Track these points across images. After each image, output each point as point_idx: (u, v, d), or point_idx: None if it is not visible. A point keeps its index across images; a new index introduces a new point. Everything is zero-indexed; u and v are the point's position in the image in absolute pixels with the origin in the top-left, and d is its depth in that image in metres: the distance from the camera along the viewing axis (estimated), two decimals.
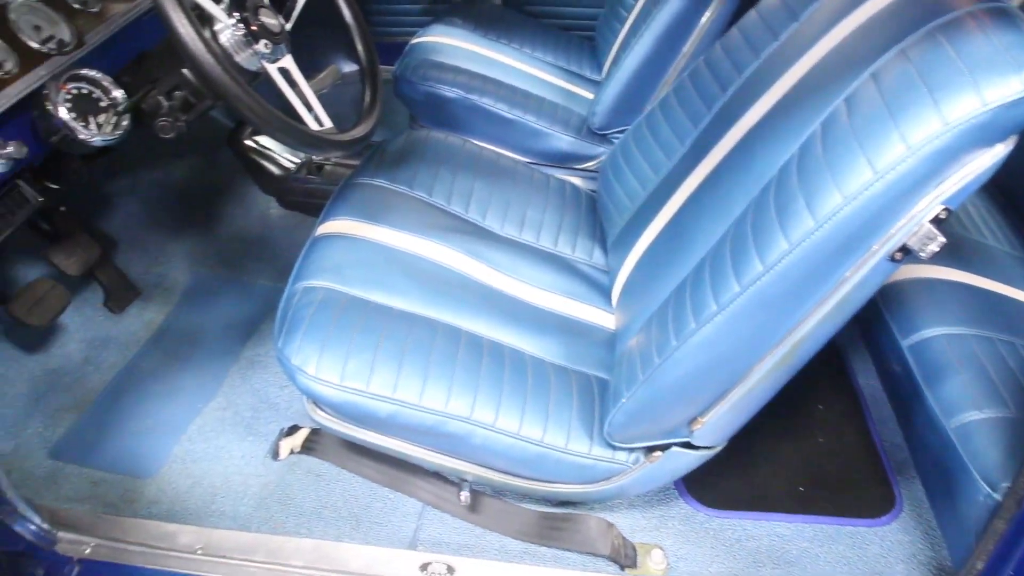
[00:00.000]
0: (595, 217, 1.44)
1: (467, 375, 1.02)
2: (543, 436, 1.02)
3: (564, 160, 1.71)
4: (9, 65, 0.99)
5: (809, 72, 0.98)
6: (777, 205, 0.83)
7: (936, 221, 0.75)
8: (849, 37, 0.95)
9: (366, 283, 1.10)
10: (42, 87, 1.01)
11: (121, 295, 1.70)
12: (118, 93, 1.05)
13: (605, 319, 1.23)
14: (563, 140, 1.67)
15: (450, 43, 1.92)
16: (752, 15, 1.17)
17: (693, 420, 0.99)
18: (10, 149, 0.97)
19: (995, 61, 0.69)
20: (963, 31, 0.75)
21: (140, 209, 1.94)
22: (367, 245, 1.17)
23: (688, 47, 1.55)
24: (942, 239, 0.75)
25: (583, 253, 1.36)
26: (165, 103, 1.03)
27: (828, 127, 0.82)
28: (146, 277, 1.78)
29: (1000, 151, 0.73)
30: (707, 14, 1.52)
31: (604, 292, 1.28)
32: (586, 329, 1.20)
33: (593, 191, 1.51)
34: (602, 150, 1.68)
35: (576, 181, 1.59)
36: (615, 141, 1.69)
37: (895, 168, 0.71)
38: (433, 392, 1.00)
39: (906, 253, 0.78)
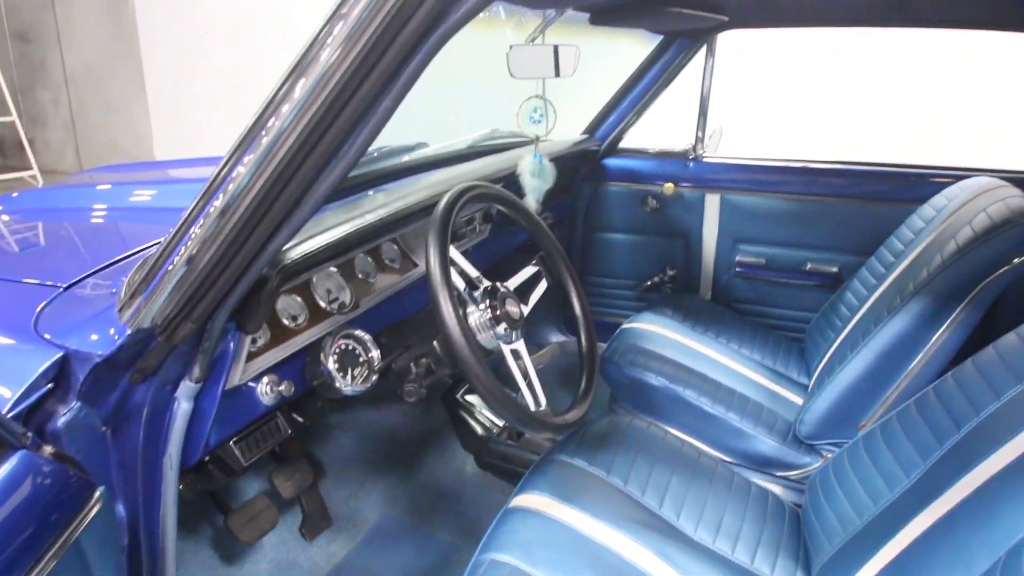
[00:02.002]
0: (798, 537, 1.33)
1: None
2: None
3: (766, 465, 1.64)
4: (302, 319, 1.21)
5: None
6: None
7: None
8: None
9: (553, 567, 1.08)
10: (321, 339, 1.21)
11: (316, 523, 1.80)
12: (375, 353, 1.23)
13: None
14: (766, 444, 1.62)
15: (659, 331, 2.03)
16: (990, 352, 1.12)
17: None
18: (283, 387, 1.15)
19: None
20: None
21: (352, 443, 2.12)
22: (558, 527, 1.17)
23: (913, 368, 1.50)
24: None
25: (783, 574, 1.24)
26: (414, 368, 1.19)
27: None
28: (341, 509, 1.89)
29: None
30: (936, 336, 1.48)
31: None
32: None
33: (797, 504, 1.41)
34: (808, 460, 1.60)
35: (777, 490, 1.50)
36: (823, 453, 1.61)
37: None
38: None
39: None
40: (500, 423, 1.88)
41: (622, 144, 2.51)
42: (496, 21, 1.97)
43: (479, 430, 1.77)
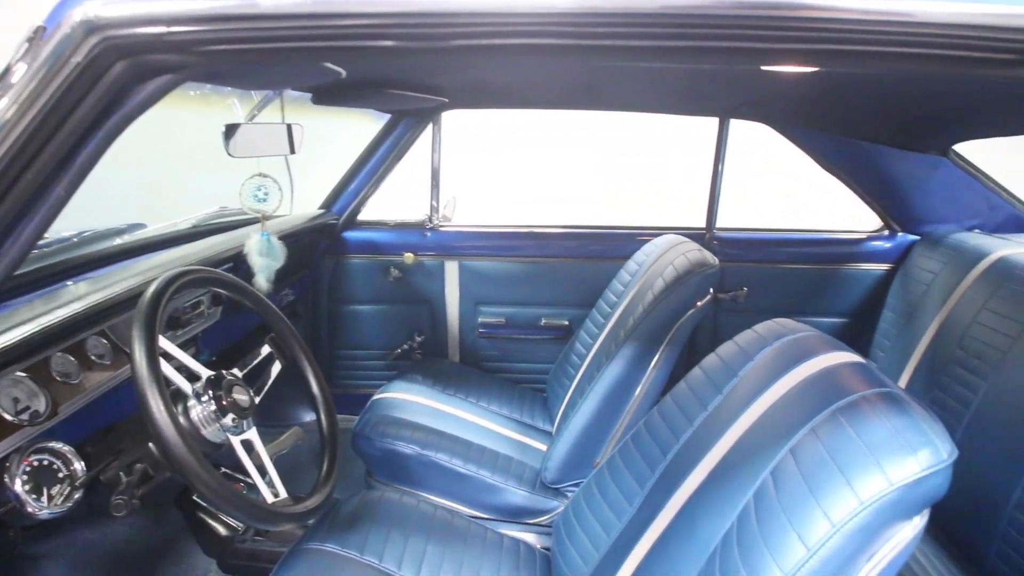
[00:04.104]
0: None
1: None
2: None
3: (518, 515, 1.71)
4: None
5: (738, 442, 1.07)
6: None
7: None
8: (767, 412, 1.06)
9: None
10: (5, 458, 1.03)
11: None
12: (78, 465, 1.07)
13: None
14: (518, 494, 1.70)
15: (410, 399, 2.04)
16: (682, 386, 1.30)
17: None
18: None
19: (892, 443, 0.78)
20: (861, 414, 0.85)
21: (65, 573, 1.81)
22: None
23: (631, 407, 1.68)
24: None
25: None
26: (124, 478, 1.05)
27: (759, 500, 0.88)
28: None
29: (918, 523, 0.78)
30: (646, 376, 1.68)
31: None
32: None
33: (547, 548, 1.49)
34: (555, 504, 1.70)
35: (530, 538, 1.57)
36: (567, 495, 1.72)
37: (824, 544, 0.75)
38: None
39: None
40: None
41: (361, 216, 2.53)
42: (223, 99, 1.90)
43: (222, 531, 1.61)
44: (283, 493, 1.11)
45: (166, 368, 1.05)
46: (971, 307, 1.81)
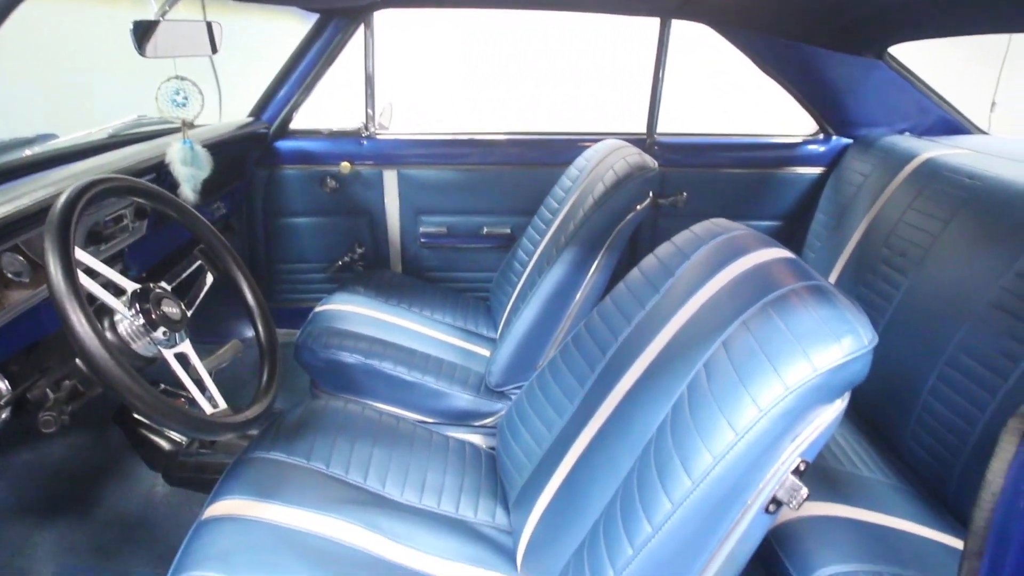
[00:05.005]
0: (496, 476, 1.45)
1: None
2: None
3: (464, 418, 1.75)
4: None
5: (673, 338, 1.10)
6: (658, 465, 0.88)
7: (798, 472, 0.82)
8: (702, 308, 1.09)
9: (255, 571, 1.03)
10: None
11: None
12: (3, 384, 1.04)
13: None
14: (462, 399, 1.73)
15: (352, 310, 2.03)
16: (621, 287, 1.32)
17: None
18: None
19: (818, 332, 0.81)
20: (790, 306, 0.88)
21: (6, 495, 1.78)
22: (258, 527, 1.12)
23: (572, 310, 1.71)
24: (806, 490, 0.81)
25: (486, 515, 1.34)
26: (51, 395, 1.02)
27: (692, 390, 0.91)
28: (3, 573, 1.58)
29: (839, 406, 0.83)
30: (587, 280, 1.70)
31: (509, 555, 1.25)
32: None
33: (493, 448, 1.53)
34: (500, 406, 1.74)
35: (476, 440, 1.61)
36: (512, 397, 1.76)
37: (752, 428, 0.79)
38: None
39: (778, 505, 0.83)
40: None
41: (293, 125, 2.42)
42: None
43: (165, 445, 1.60)
44: (222, 404, 1.09)
45: (89, 283, 1.00)
46: (898, 207, 1.87)
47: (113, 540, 1.69)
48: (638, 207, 1.72)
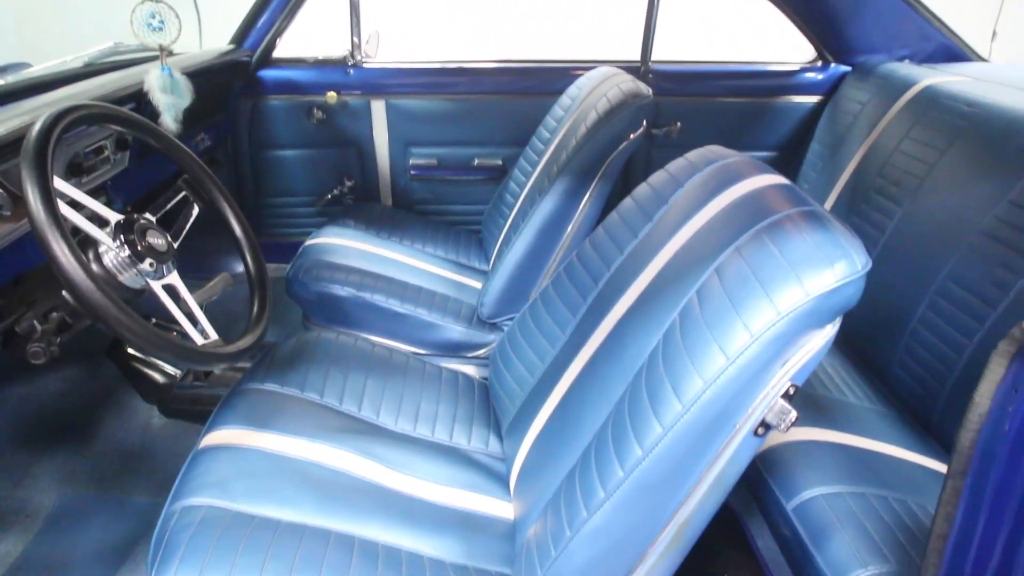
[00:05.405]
0: (489, 405, 1.46)
1: None
2: None
3: (457, 350, 1.76)
4: None
5: (666, 266, 1.10)
6: (649, 391, 0.89)
7: (787, 396, 0.83)
8: (695, 235, 1.08)
9: (253, 496, 1.05)
10: None
11: None
12: None
13: (505, 509, 1.21)
14: (455, 330, 1.74)
15: (343, 243, 2.01)
16: (613, 216, 1.31)
17: None
18: None
19: (812, 258, 0.81)
20: (783, 232, 0.87)
21: (4, 428, 1.80)
22: (255, 455, 1.13)
23: (564, 241, 1.70)
24: (795, 413, 0.82)
25: (479, 442, 1.36)
26: (39, 327, 1.01)
27: (684, 317, 0.91)
28: (5, 504, 1.61)
29: (830, 331, 0.83)
30: (579, 210, 1.68)
31: (502, 481, 1.27)
32: (486, 523, 1.18)
33: (486, 379, 1.55)
34: (492, 337, 1.75)
35: (469, 370, 1.63)
36: (505, 328, 1.77)
37: (743, 353, 0.79)
38: None
39: (767, 428, 0.84)
40: None
41: (277, 54, 2.34)
42: None
43: (160, 378, 1.60)
44: (213, 336, 1.09)
45: (72, 214, 0.98)
46: (895, 136, 1.84)
47: (112, 470, 1.72)
48: (632, 135, 1.69)
